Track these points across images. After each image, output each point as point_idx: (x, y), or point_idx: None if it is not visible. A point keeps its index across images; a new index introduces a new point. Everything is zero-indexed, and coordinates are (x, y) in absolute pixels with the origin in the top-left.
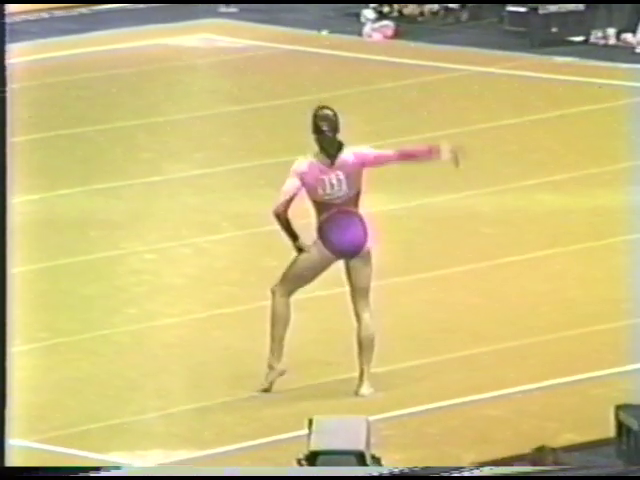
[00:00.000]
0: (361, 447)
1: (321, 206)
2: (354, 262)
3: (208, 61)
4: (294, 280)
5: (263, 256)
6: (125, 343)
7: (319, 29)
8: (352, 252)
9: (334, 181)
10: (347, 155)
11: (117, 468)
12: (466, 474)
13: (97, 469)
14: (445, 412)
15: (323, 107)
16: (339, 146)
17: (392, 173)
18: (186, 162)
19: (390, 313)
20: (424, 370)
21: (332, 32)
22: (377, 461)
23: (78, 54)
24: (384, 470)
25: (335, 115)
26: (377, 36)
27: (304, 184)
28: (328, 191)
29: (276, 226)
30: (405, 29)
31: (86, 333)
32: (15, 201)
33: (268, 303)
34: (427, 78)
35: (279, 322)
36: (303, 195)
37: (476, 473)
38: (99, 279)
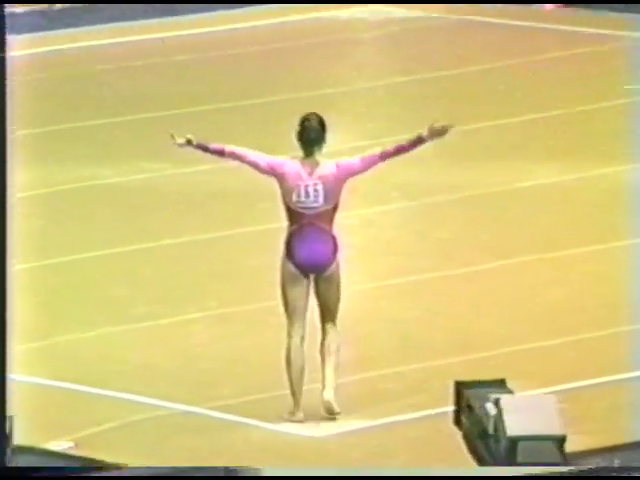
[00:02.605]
0: (560, 431)
1: (293, 214)
2: (320, 282)
3: (375, 33)
4: (292, 316)
5: (431, 227)
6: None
7: None
8: (313, 269)
9: (310, 190)
10: (329, 166)
11: (118, 468)
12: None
13: (99, 469)
14: (614, 386)
15: (310, 115)
16: (318, 142)
17: (566, 143)
18: (353, 133)
19: (559, 286)
20: (592, 343)
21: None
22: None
23: (239, 29)
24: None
25: (322, 122)
26: (548, 4)
27: (280, 183)
28: (302, 199)
29: (444, 197)
30: None
31: (253, 303)
32: (184, 171)
33: (436, 275)
34: (599, 47)
35: (291, 371)
36: None
37: None
38: (266, 250)
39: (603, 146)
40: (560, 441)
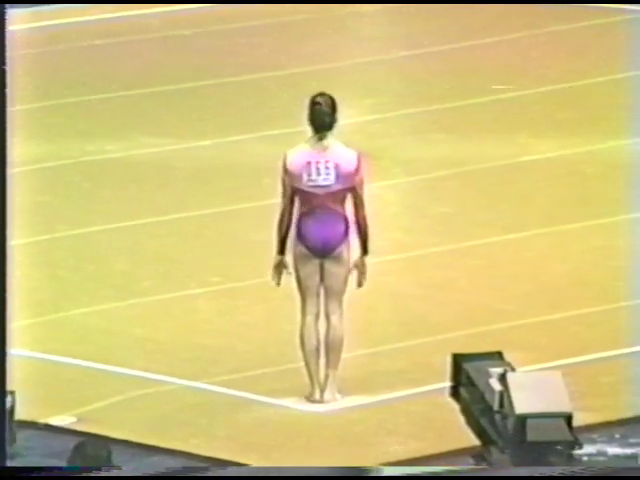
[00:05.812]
0: (568, 408)
1: (303, 196)
2: (327, 263)
3: (374, 7)
4: (305, 295)
5: (434, 202)
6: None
7: None
8: (323, 251)
9: (321, 167)
10: (348, 151)
11: (117, 468)
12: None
13: (97, 469)
14: (619, 360)
15: (320, 98)
16: (330, 126)
17: (567, 116)
18: (355, 108)
19: (562, 260)
20: (598, 317)
21: None
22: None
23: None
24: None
25: (333, 105)
26: None
27: (289, 173)
28: (313, 177)
29: (446, 172)
30: None
31: (257, 278)
32: (188, 146)
33: (438, 250)
34: (600, 20)
35: (305, 350)
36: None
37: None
38: (270, 225)
39: (607, 119)
40: (568, 418)
